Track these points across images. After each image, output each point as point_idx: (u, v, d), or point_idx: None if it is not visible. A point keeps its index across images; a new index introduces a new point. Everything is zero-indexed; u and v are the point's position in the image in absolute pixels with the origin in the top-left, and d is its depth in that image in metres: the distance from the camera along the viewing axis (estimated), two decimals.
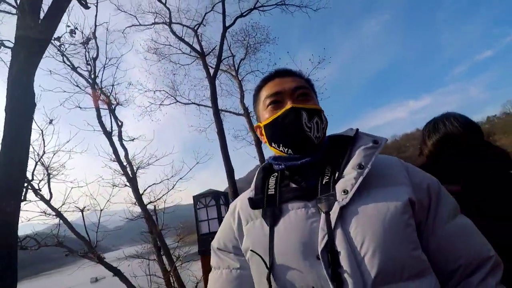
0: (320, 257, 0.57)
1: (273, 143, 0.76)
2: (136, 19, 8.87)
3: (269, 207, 0.68)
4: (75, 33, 5.07)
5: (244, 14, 8.95)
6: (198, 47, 9.14)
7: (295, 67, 8.27)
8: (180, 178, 6.83)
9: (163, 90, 9.49)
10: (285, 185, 0.72)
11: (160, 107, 9.38)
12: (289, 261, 0.60)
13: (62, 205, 5.54)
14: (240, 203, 0.78)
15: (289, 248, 0.61)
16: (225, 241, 0.76)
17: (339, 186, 0.63)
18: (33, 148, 4.81)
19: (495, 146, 1.13)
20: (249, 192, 0.75)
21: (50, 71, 6.01)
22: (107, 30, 6.98)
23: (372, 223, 0.58)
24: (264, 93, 0.77)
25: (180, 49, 9.61)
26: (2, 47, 3.04)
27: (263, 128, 0.77)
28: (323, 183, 0.66)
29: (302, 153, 0.71)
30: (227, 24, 8.65)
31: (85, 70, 6.83)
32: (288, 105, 0.71)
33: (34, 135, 5.12)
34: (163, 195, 6.76)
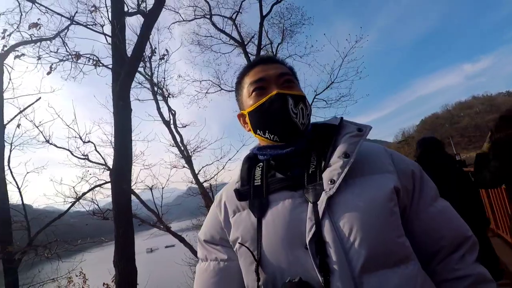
0: (308, 247, 0.57)
1: (258, 130, 0.74)
2: (180, 15, 9.63)
3: (256, 198, 0.68)
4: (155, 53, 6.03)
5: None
6: (237, 36, 9.74)
7: (333, 49, 8.55)
8: (229, 159, 7.84)
9: (209, 80, 10.33)
10: (271, 175, 0.71)
11: (206, 95, 10.27)
12: (277, 252, 0.61)
13: (134, 183, 6.85)
14: (226, 195, 0.77)
15: (277, 239, 0.61)
16: (212, 233, 0.75)
17: (325, 176, 0.63)
18: None
19: None
20: (235, 184, 0.74)
21: None
22: (157, 29, 7.92)
23: (359, 212, 0.58)
24: (248, 80, 0.75)
25: (221, 39, 10.28)
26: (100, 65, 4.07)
27: (247, 115, 0.75)
28: (310, 172, 0.66)
29: (288, 140, 0.71)
30: (264, 13, 9.07)
31: (140, 66, 7.99)
32: (274, 91, 0.70)
33: None
34: (215, 175, 7.86)
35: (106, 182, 5.90)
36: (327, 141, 0.70)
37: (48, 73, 4.63)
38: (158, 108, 8.29)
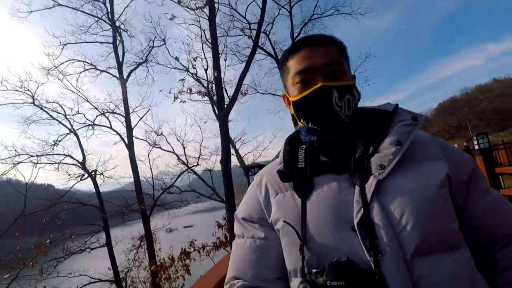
0: (356, 228, 0.57)
1: (301, 119, 0.73)
2: (225, 31, 11.49)
3: (300, 180, 0.68)
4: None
5: (307, 22, 11.66)
6: (271, 50, 12.32)
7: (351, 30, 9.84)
8: (264, 148, 10.89)
9: (247, 85, 12.98)
10: (315, 158, 0.71)
11: (245, 96, 13.01)
12: (323, 233, 0.61)
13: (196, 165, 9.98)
14: (268, 175, 0.77)
15: (322, 220, 0.62)
16: (250, 212, 0.75)
17: (374, 161, 0.63)
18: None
19: None
20: (277, 165, 0.74)
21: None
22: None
23: (411, 196, 0.58)
24: (293, 65, 0.72)
25: (258, 52, 12.81)
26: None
27: (291, 103, 0.74)
28: (356, 157, 0.66)
29: (333, 132, 0.69)
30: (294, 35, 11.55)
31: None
32: (319, 83, 0.67)
33: None
34: (253, 161, 11.07)
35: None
36: (376, 127, 0.70)
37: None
38: (213, 107, 10.73)
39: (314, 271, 0.58)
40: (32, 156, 10.00)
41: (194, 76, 10.08)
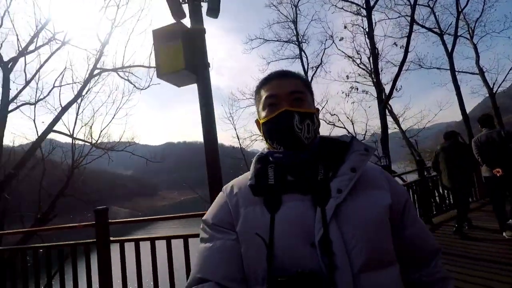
0: (316, 245, 0.66)
1: (268, 140, 0.82)
2: (385, 14, 12.45)
3: (270, 196, 0.74)
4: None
5: None
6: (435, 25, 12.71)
7: None
8: (429, 121, 14.31)
9: (410, 62, 14.08)
10: (283, 176, 0.78)
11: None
12: (288, 246, 0.68)
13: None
14: (238, 187, 0.83)
15: (288, 234, 0.68)
16: (221, 217, 0.79)
17: (334, 185, 0.71)
18: None
19: None
20: (247, 180, 0.80)
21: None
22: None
23: (361, 220, 0.69)
24: (264, 93, 0.82)
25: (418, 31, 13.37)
26: None
27: (261, 124, 0.83)
28: (318, 179, 0.73)
29: (294, 151, 0.78)
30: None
31: None
32: (283, 107, 0.77)
33: None
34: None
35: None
36: (335, 155, 0.78)
37: None
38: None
39: (279, 279, 0.64)
40: None
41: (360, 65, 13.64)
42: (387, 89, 11.31)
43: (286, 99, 0.78)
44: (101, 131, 11.00)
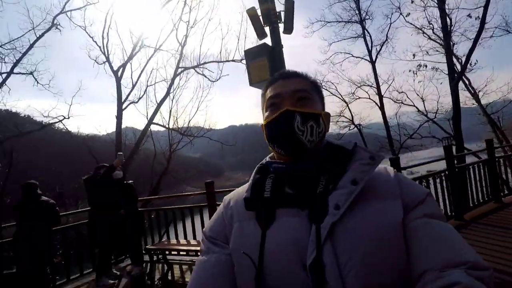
0: (307, 268, 0.59)
1: (270, 143, 0.76)
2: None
3: (264, 210, 0.69)
4: None
5: None
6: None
7: None
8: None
9: (493, 28, 12.40)
10: (281, 189, 0.72)
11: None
12: (278, 266, 0.62)
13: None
14: (235, 200, 0.79)
15: (279, 254, 0.63)
16: (217, 230, 0.77)
17: (332, 199, 0.64)
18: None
19: None
20: (245, 192, 0.75)
21: None
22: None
23: (359, 241, 0.59)
24: (268, 94, 0.78)
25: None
26: None
27: (264, 126, 0.77)
28: (317, 192, 0.67)
29: (295, 156, 0.72)
30: None
31: None
32: (285, 107, 0.72)
33: None
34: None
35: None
36: (338, 164, 0.70)
37: None
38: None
39: None
40: None
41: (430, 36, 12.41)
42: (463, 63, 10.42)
43: (289, 99, 0.73)
44: (189, 122, 13.46)
